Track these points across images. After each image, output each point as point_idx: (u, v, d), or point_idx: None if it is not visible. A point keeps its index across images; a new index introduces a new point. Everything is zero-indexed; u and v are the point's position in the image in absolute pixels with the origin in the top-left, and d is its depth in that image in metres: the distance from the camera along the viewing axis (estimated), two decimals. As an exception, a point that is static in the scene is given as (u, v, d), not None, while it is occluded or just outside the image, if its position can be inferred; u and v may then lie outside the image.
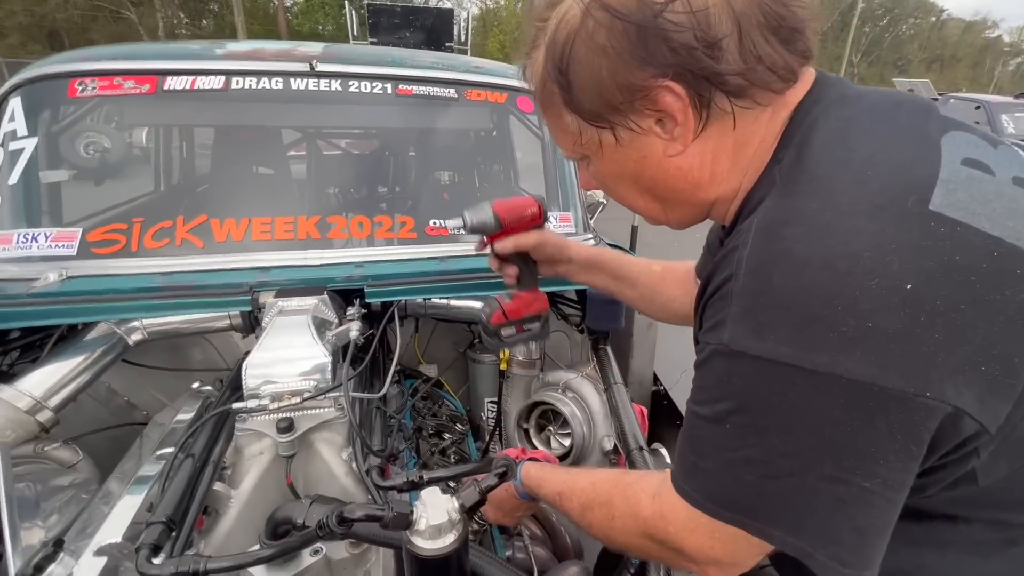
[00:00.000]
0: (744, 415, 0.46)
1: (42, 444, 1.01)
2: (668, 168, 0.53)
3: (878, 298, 0.40)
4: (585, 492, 0.65)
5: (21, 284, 1.06)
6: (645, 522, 0.56)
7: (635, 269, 0.95)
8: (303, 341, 0.89)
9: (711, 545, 0.51)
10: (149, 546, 0.63)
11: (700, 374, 0.50)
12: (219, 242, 1.15)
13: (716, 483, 0.49)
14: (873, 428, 0.41)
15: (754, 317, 0.44)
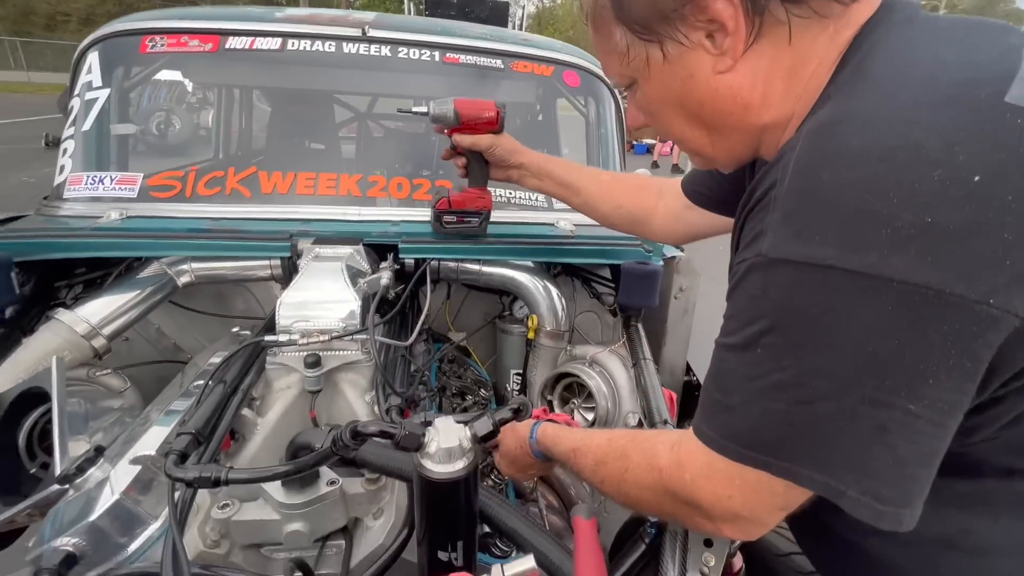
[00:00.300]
0: (779, 333, 0.42)
1: (95, 370, 1.08)
2: (717, 87, 0.50)
3: (940, 191, 0.36)
4: (601, 447, 0.63)
5: (87, 221, 1.14)
6: (660, 472, 0.53)
7: (582, 178, 1.03)
8: (335, 285, 0.91)
9: (729, 494, 0.47)
10: (177, 453, 0.66)
11: (732, 300, 0.47)
12: (265, 194, 1.20)
13: (740, 418, 0.45)
14: (924, 340, 0.37)
15: (798, 219, 0.41)
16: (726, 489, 0.47)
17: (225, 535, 0.74)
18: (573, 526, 0.46)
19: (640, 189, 1.01)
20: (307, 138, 1.78)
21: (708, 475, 0.48)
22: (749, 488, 0.46)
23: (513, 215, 1.31)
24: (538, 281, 1.26)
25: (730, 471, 0.47)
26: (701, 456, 0.49)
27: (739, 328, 0.46)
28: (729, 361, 0.47)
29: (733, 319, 0.47)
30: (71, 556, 0.68)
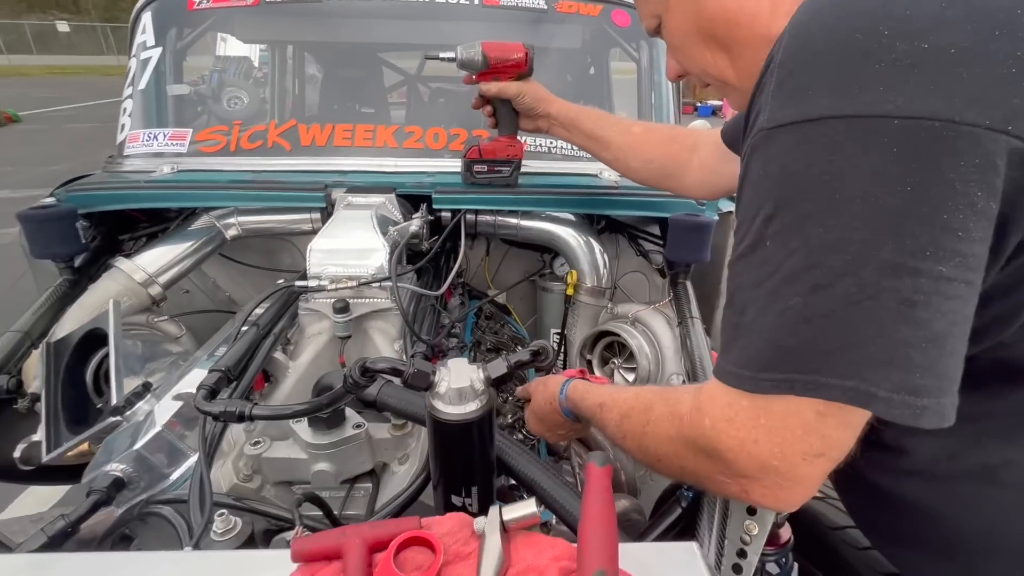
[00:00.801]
0: (784, 212, 0.37)
1: (153, 316, 1.14)
2: (725, 2, 0.50)
3: (936, 14, 0.31)
4: (627, 401, 0.58)
5: (143, 175, 1.19)
6: (681, 420, 0.47)
7: (612, 130, 0.97)
8: (364, 231, 0.90)
9: (754, 438, 0.40)
10: (207, 388, 0.68)
11: (738, 204, 0.42)
12: (304, 146, 1.21)
13: (756, 335, 0.39)
14: (941, 182, 0.31)
15: (791, 81, 0.36)
16: (750, 431, 0.40)
17: (257, 471, 0.76)
18: (585, 472, 0.42)
19: (672, 142, 0.94)
20: (357, 102, 1.79)
21: (729, 417, 0.41)
22: (776, 425, 0.39)
23: (553, 165, 1.25)
24: (579, 235, 1.19)
25: (753, 408, 0.40)
26: (722, 396, 0.42)
27: (746, 230, 0.40)
28: (740, 273, 0.41)
29: (741, 225, 0.41)
30: (119, 480, 0.72)
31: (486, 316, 1.28)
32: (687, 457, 0.47)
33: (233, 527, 0.48)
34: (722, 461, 0.43)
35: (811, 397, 0.37)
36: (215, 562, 0.36)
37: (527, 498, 0.44)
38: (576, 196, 1.13)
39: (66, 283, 1.10)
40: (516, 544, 0.38)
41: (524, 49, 0.97)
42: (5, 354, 0.94)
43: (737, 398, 0.41)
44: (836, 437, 0.39)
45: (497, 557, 0.35)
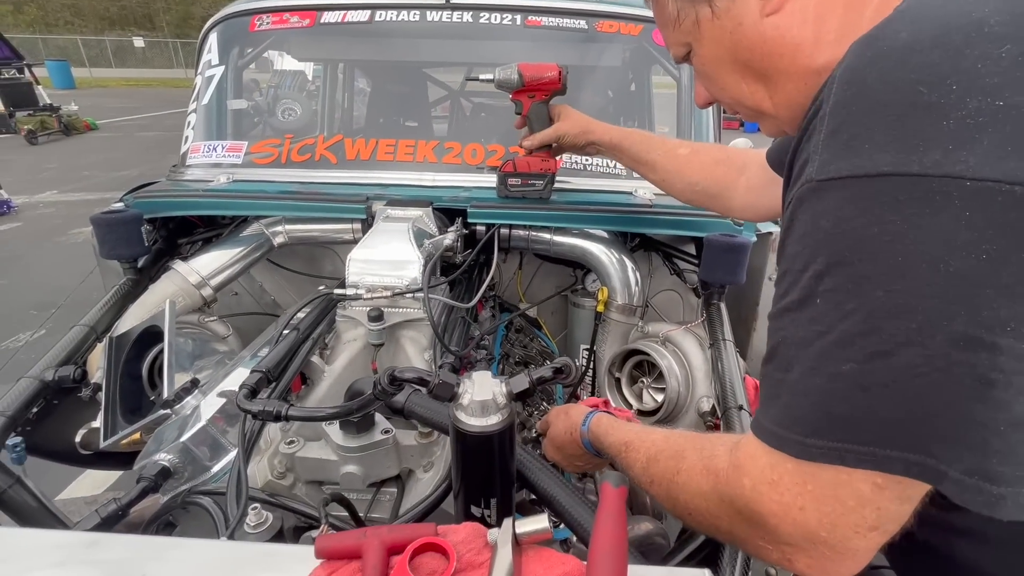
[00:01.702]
0: (838, 271, 0.35)
1: (204, 316, 1.21)
2: (764, 31, 0.47)
3: (1011, 68, 0.28)
4: (656, 444, 0.56)
5: (201, 183, 1.28)
6: (716, 476, 0.44)
7: (656, 153, 0.97)
8: (401, 244, 0.94)
9: (800, 505, 0.37)
10: (248, 388, 0.73)
11: (782, 255, 0.40)
12: (349, 160, 1.27)
13: (802, 396, 0.37)
14: (1021, 250, 0.29)
15: (845, 131, 0.34)
16: (796, 498, 0.37)
17: (290, 469, 0.79)
18: (599, 492, 0.42)
19: (719, 164, 0.92)
20: (402, 115, 1.86)
21: (772, 480, 0.38)
22: (825, 494, 0.36)
23: (588, 182, 1.26)
24: (611, 252, 1.19)
25: (799, 472, 0.37)
26: (763, 456, 0.39)
27: (792, 283, 0.38)
28: (785, 328, 0.39)
29: (785, 276, 0.40)
30: (166, 470, 0.77)
31: (516, 329, 1.30)
32: (722, 517, 0.44)
33: (264, 521, 0.51)
34: (763, 526, 0.40)
35: (868, 470, 0.35)
36: (245, 552, 0.38)
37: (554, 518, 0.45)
38: (610, 213, 1.14)
39: (129, 282, 1.19)
40: (527, 558, 0.39)
41: (558, 68, 1.02)
42: (73, 346, 1.03)
43: (781, 460, 0.38)
44: (893, 511, 0.36)
45: (507, 569, 0.36)
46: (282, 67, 2.12)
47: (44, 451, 1.09)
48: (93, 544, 0.38)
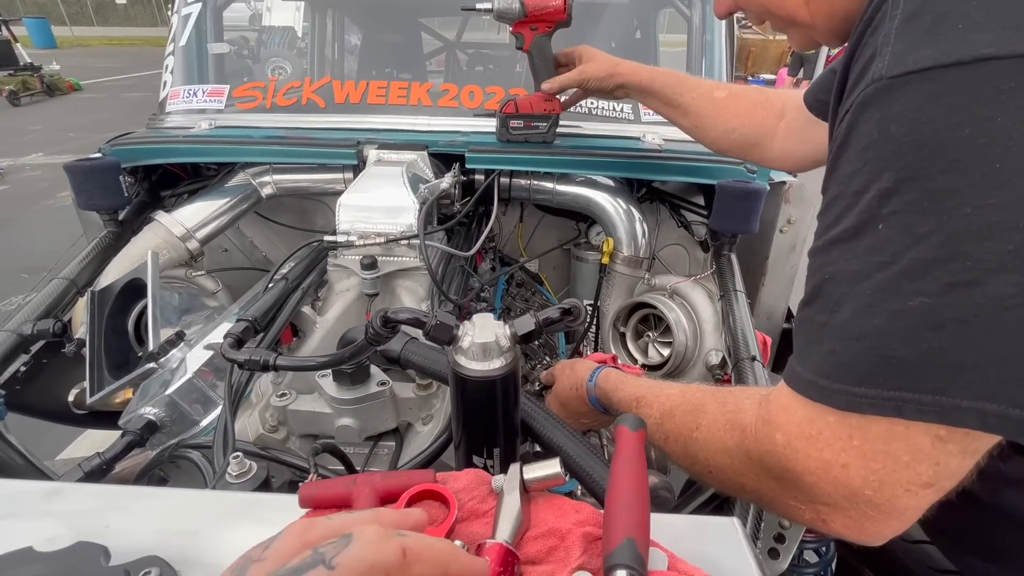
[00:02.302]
0: (910, 188, 0.29)
1: (191, 271, 1.16)
2: None
3: None
4: (671, 398, 0.51)
5: (181, 130, 1.20)
6: (743, 432, 0.40)
7: (691, 95, 0.87)
8: (394, 188, 0.88)
9: (843, 461, 0.33)
10: (234, 336, 0.68)
11: (832, 176, 0.35)
12: (338, 103, 1.19)
13: (854, 339, 0.32)
14: None
15: (929, 10, 0.28)
16: (838, 454, 0.33)
17: (283, 422, 0.76)
18: (615, 436, 0.38)
19: (759, 108, 0.84)
20: (394, 67, 1.75)
21: (809, 434, 0.34)
22: (875, 449, 0.32)
23: (594, 127, 1.18)
24: (617, 202, 1.13)
25: (843, 426, 0.33)
26: (799, 409, 0.35)
27: (846, 208, 0.33)
28: (835, 261, 0.33)
29: (835, 203, 0.34)
30: (152, 424, 0.74)
31: (517, 283, 1.25)
32: (747, 475, 0.41)
33: (248, 470, 0.47)
34: (797, 485, 0.36)
35: (930, 422, 0.30)
36: (221, 502, 0.35)
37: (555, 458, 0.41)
38: (616, 159, 1.07)
39: (110, 235, 1.13)
40: (537, 506, 0.35)
41: None
42: (53, 299, 0.98)
43: (821, 413, 0.34)
44: (953, 466, 0.32)
45: (515, 517, 0.32)
46: (270, 22, 2.00)
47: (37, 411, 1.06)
48: (52, 494, 0.34)
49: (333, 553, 0.19)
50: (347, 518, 0.22)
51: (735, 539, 0.34)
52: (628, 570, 0.28)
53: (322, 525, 0.21)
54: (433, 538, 0.22)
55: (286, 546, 0.20)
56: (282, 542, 0.20)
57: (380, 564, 0.20)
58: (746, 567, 0.32)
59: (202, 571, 0.30)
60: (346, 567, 0.19)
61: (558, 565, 0.31)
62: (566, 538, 0.32)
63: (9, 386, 1.02)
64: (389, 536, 0.21)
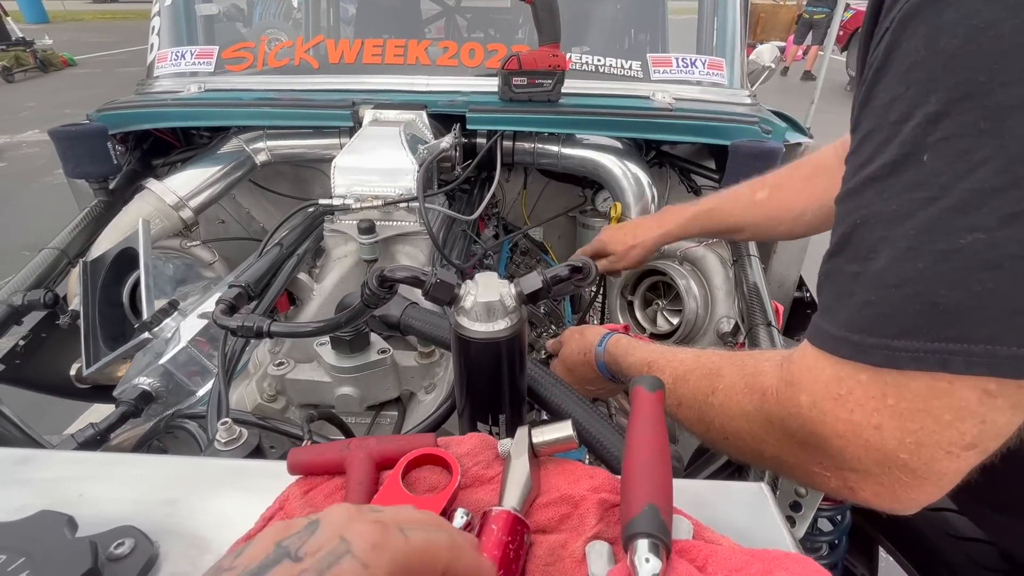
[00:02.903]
0: (963, 108, 0.26)
1: (186, 241, 1.13)
2: None
3: None
4: (684, 362, 0.48)
5: (170, 95, 1.15)
6: (763, 395, 0.37)
7: (734, 215, 0.79)
8: (391, 149, 0.83)
9: (875, 422, 0.30)
10: (227, 303, 0.65)
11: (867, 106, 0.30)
12: (333, 63, 1.13)
13: (893, 287, 0.28)
14: None
15: None
16: (871, 415, 0.30)
17: (281, 392, 0.74)
18: (631, 398, 0.35)
19: (817, 175, 0.72)
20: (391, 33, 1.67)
21: (838, 394, 0.31)
22: (913, 408, 0.29)
23: (601, 85, 1.12)
24: (626, 165, 1.09)
25: (877, 384, 0.30)
26: (827, 368, 0.32)
27: (883, 142, 0.29)
28: (867, 204, 0.30)
29: (869, 137, 0.30)
30: (147, 393, 0.72)
31: (521, 252, 1.22)
32: (767, 440, 0.37)
33: (238, 437, 0.45)
34: (822, 449, 0.33)
35: (979, 375, 0.27)
36: (205, 469, 0.32)
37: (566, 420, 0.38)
38: (625, 118, 1.02)
39: (101, 204, 1.10)
40: (547, 471, 0.32)
41: None
42: (43, 270, 0.95)
43: (852, 371, 0.31)
44: (1001, 423, 0.28)
45: (524, 483, 0.30)
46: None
47: (39, 385, 1.05)
48: (23, 461, 0.32)
49: (299, 544, 0.16)
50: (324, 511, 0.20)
51: (763, 505, 0.31)
52: (650, 539, 0.25)
53: (298, 524, 0.18)
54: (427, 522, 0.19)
55: (258, 551, 0.18)
56: (254, 548, 0.18)
57: None
58: (777, 535, 0.29)
59: (182, 542, 0.27)
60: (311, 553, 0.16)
61: (571, 534, 0.28)
62: (580, 505, 0.29)
63: (9, 360, 1.01)
64: (359, 513, 0.18)
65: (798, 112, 1.50)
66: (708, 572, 0.25)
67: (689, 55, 1.19)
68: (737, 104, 1.18)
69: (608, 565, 0.26)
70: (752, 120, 1.05)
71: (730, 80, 1.22)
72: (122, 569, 0.24)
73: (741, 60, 1.25)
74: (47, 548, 0.22)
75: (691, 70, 1.18)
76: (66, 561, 0.22)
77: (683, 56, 1.18)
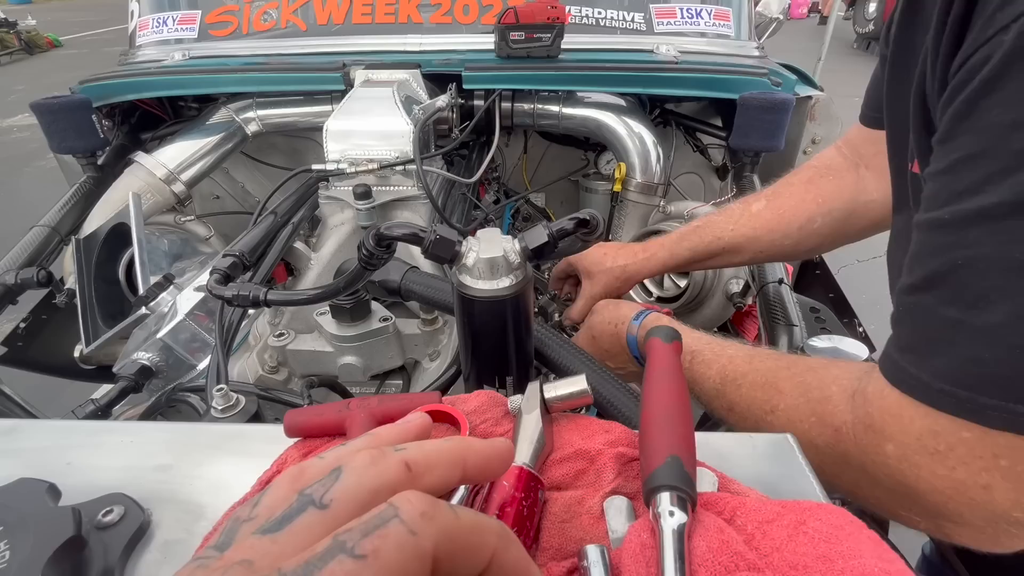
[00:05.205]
0: None
1: (180, 217, 1.10)
2: None
3: None
4: (734, 361, 0.45)
5: (154, 64, 1.11)
6: (837, 432, 0.34)
7: (728, 231, 0.66)
8: (385, 109, 0.80)
9: (985, 482, 0.28)
10: (221, 272, 0.63)
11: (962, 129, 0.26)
12: (320, 25, 1.08)
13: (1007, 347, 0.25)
14: None
15: None
16: (978, 474, 0.28)
17: (283, 363, 0.72)
18: (646, 350, 0.33)
19: (824, 174, 0.65)
20: None
21: (935, 451, 0.29)
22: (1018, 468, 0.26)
23: (602, 40, 1.07)
24: (629, 123, 1.04)
25: (987, 444, 0.27)
26: (917, 419, 0.29)
27: (1001, 171, 0.24)
28: (977, 244, 0.26)
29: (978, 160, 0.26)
30: (146, 368, 0.70)
31: (524, 218, 1.19)
32: (843, 477, 0.34)
33: (235, 404, 0.43)
34: (915, 500, 0.31)
35: None
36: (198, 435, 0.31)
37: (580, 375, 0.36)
38: (628, 72, 0.97)
39: (90, 180, 1.07)
40: (560, 427, 0.31)
41: None
42: (35, 248, 0.93)
43: (952, 427, 0.28)
44: None
45: (536, 438, 0.28)
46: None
47: (43, 366, 1.04)
48: (9, 432, 0.30)
49: (323, 491, 0.15)
50: (340, 451, 0.18)
51: (790, 456, 0.29)
52: (674, 492, 0.23)
53: (314, 466, 0.17)
54: (438, 440, 0.17)
55: (276, 498, 0.16)
56: (271, 495, 0.16)
57: (381, 487, 0.16)
58: (806, 485, 0.27)
59: (176, 508, 0.26)
60: (341, 501, 0.15)
61: (588, 490, 0.26)
62: (596, 460, 0.27)
63: (11, 342, 1.00)
64: (384, 456, 0.17)
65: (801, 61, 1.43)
66: (737, 524, 0.23)
67: (694, 5, 1.13)
68: (745, 56, 1.13)
69: (628, 521, 0.25)
70: (761, 72, 1.00)
71: (737, 32, 1.16)
72: (110, 537, 0.23)
73: (748, 10, 1.19)
74: (26, 517, 0.21)
75: (696, 21, 1.13)
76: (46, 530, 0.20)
77: (688, 6, 1.12)
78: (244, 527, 0.15)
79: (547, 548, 0.24)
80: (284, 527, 0.14)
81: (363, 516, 0.14)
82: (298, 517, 0.14)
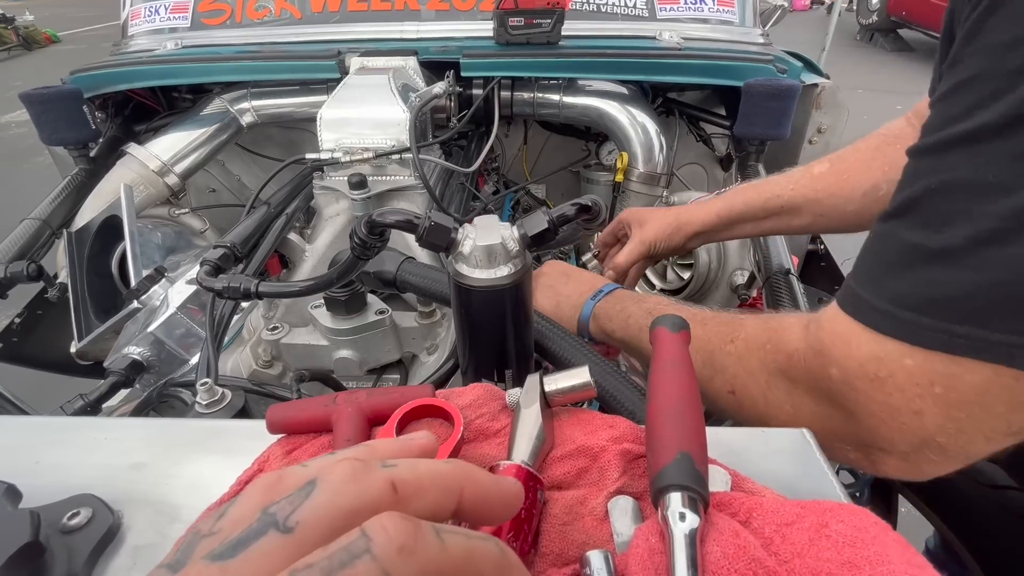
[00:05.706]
0: None
1: (174, 209, 1.08)
2: None
3: None
4: (702, 310, 0.45)
5: (146, 53, 1.09)
6: (789, 358, 0.34)
7: (788, 191, 0.63)
8: (381, 97, 0.77)
9: (916, 407, 0.27)
10: (211, 264, 0.61)
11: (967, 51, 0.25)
12: (315, 12, 1.06)
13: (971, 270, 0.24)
14: None
15: None
16: (911, 400, 0.27)
17: (277, 357, 0.71)
18: (652, 340, 0.31)
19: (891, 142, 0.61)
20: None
21: (876, 376, 0.28)
22: (964, 400, 0.26)
23: (604, 26, 1.05)
24: (632, 112, 1.02)
25: (926, 371, 0.27)
26: (864, 344, 0.29)
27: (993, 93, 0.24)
28: (952, 167, 0.25)
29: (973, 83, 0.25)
30: (138, 363, 0.68)
31: (524, 209, 1.17)
32: (784, 405, 0.34)
33: (220, 399, 0.41)
34: (851, 428, 0.31)
35: None
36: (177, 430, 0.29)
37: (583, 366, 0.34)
38: (630, 59, 0.95)
39: (82, 172, 1.05)
40: (561, 422, 0.29)
41: None
42: (26, 241, 0.91)
43: (895, 353, 0.27)
44: None
45: (536, 434, 0.26)
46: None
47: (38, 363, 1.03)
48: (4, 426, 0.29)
49: (289, 510, 0.13)
50: (325, 460, 0.15)
51: (807, 452, 0.27)
52: (685, 492, 0.21)
53: (293, 475, 0.14)
54: (436, 460, 0.15)
55: (243, 512, 0.14)
56: (238, 508, 0.14)
57: (359, 509, 0.13)
58: (825, 484, 0.26)
59: (148, 510, 0.24)
60: (308, 524, 0.12)
61: (591, 489, 0.24)
62: (599, 457, 0.26)
63: (5, 338, 0.99)
64: (368, 471, 0.14)
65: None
66: (753, 527, 0.21)
67: None
68: (749, 43, 1.10)
69: (634, 522, 0.23)
70: (766, 58, 0.98)
71: (741, 18, 1.14)
72: (76, 542, 0.21)
73: None
74: (-21, 521, 0.19)
75: (699, 7, 1.10)
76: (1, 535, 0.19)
77: (691, -9, 1.10)
78: (202, 544, 0.13)
79: (547, 553, 0.22)
80: (238, 553, 0.12)
81: (329, 547, 0.12)
82: (255, 542, 0.12)
